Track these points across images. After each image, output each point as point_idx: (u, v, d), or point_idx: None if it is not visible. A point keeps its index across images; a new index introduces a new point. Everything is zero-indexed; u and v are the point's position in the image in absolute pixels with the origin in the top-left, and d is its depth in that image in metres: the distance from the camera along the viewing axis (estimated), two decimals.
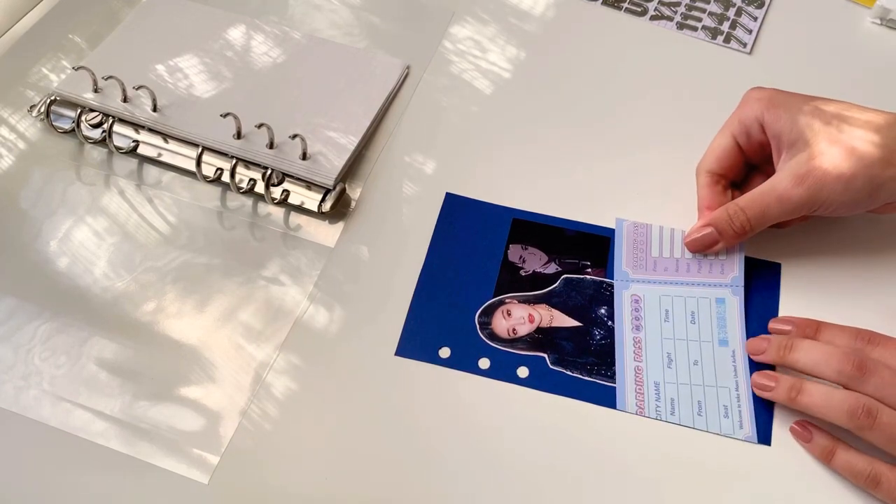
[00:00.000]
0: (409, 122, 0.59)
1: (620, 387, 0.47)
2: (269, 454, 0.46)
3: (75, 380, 0.48)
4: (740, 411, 0.47)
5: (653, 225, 0.53)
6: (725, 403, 0.47)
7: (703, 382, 0.48)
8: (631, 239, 0.52)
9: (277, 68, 0.61)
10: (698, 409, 0.47)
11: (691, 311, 0.50)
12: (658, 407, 0.47)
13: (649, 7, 0.66)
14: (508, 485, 0.45)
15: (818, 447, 0.44)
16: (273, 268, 0.52)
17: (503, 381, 0.48)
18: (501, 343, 0.49)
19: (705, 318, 0.50)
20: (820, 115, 0.48)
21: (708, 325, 0.49)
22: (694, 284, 0.51)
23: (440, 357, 0.48)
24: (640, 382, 0.48)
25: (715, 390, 0.47)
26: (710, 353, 0.49)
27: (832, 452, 0.44)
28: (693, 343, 0.49)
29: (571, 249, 0.53)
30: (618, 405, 0.47)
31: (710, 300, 0.50)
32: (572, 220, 0.54)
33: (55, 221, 0.54)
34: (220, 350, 0.49)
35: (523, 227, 0.53)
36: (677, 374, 0.48)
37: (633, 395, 0.47)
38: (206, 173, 0.55)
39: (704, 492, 0.44)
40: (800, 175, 0.47)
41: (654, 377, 0.48)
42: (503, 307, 0.50)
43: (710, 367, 0.48)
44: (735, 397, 0.47)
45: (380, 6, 0.66)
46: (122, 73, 0.57)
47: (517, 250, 0.52)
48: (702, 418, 0.46)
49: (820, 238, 0.53)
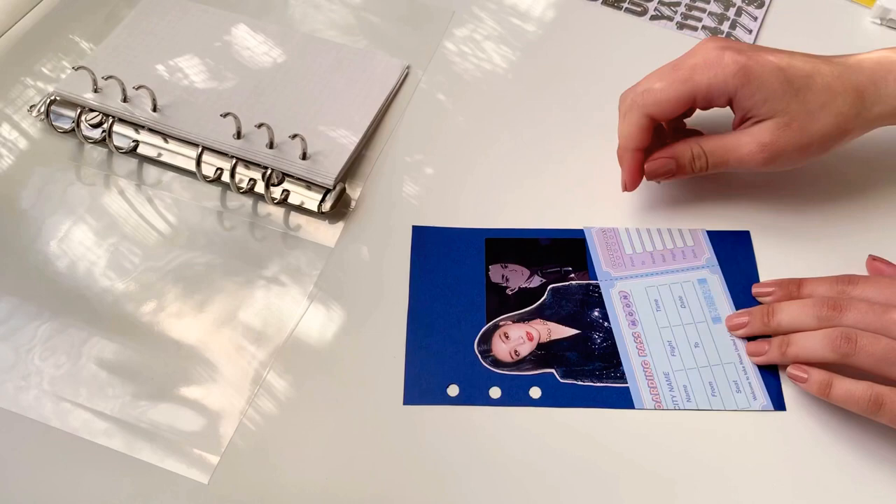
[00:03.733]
0: (409, 122, 0.59)
1: (633, 385, 0.47)
2: (269, 454, 0.46)
3: (75, 380, 0.48)
4: (750, 383, 0.47)
5: (618, 228, 0.53)
6: (735, 379, 0.48)
7: (709, 362, 0.48)
8: (602, 243, 0.53)
9: (277, 68, 0.61)
10: (711, 391, 0.47)
11: (678, 296, 0.51)
12: (674, 397, 0.47)
13: (649, 7, 0.66)
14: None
15: (815, 383, 0.45)
16: (273, 268, 0.52)
17: (518, 406, 0.47)
18: (507, 368, 0.48)
19: (693, 299, 0.51)
20: (788, 87, 0.48)
21: (698, 306, 0.50)
22: (673, 272, 0.52)
23: (449, 396, 0.47)
24: (650, 377, 0.48)
25: (721, 368, 0.48)
26: (708, 332, 0.49)
27: (829, 385, 0.44)
28: (689, 326, 0.50)
29: (550, 258, 0.52)
30: (635, 404, 0.47)
31: (693, 282, 0.51)
32: (543, 229, 0.53)
33: (55, 221, 0.54)
34: (220, 350, 0.49)
35: (497, 246, 0.53)
36: (683, 360, 0.48)
37: (647, 390, 0.47)
38: (206, 173, 0.55)
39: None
40: (763, 143, 0.49)
41: (663, 368, 0.48)
42: (499, 331, 0.50)
43: (711, 346, 0.49)
44: (742, 370, 0.48)
45: (380, 6, 0.66)
46: (122, 72, 0.57)
47: (498, 270, 0.52)
48: (717, 398, 0.47)
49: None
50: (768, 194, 0.55)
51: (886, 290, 0.46)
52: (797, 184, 0.55)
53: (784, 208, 0.54)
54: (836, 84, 0.49)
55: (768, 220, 0.54)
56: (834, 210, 0.54)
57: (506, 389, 0.47)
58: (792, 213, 0.54)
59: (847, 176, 0.56)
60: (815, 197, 0.55)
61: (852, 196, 0.55)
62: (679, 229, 0.53)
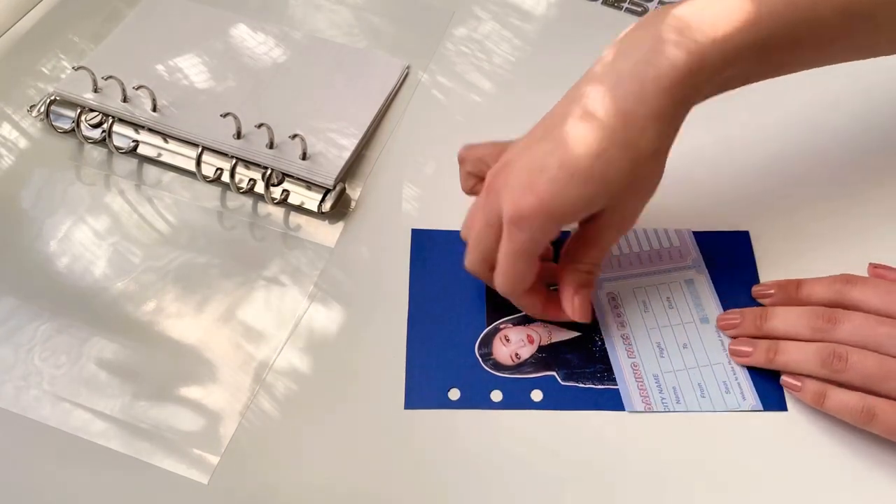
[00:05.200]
0: (409, 122, 0.59)
1: (623, 388, 0.47)
2: (269, 454, 0.46)
3: (75, 380, 0.48)
4: (739, 384, 0.47)
5: None
6: (724, 380, 0.47)
7: (698, 363, 0.48)
8: None
9: (277, 68, 0.61)
10: (700, 392, 0.47)
11: (666, 296, 0.51)
12: (664, 399, 0.47)
13: (649, 7, 0.66)
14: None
15: (809, 393, 0.45)
16: (273, 268, 0.52)
17: (520, 410, 0.47)
18: (508, 371, 0.48)
19: (681, 300, 0.50)
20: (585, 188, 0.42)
21: (685, 307, 0.50)
22: (660, 273, 0.52)
23: (451, 400, 0.47)
24: (639, 378, 0.48)
25: (710, 369, 0.48)
26: (696, 333, 0.49)
27: (823, 395, 0.44)
28: (677, 327, 0.49)
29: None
30: (625, 406, 0.47)
31: (680, 282, 0.51)
32: None
33: (55, 221, 0.54)
34: (220, 350, 0.49)
35: None
36: (672, 362, 0.48)
37: (637, 392, 0.47)
38: (206, 173, 0.55)
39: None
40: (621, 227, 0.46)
41: (652, 370, 0.48)
42: (500, 333, 0.49)
43: (700, 346, 0.49)
44: (731, 371, 0.48)
45: (380, 6, 0.66)
46: (122, 73, 0.57)
47: None
48: (706, 400, 0.47)
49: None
50: (768, 195, 0.55)
51: (885, 295, 0.46)
52: (797, 184, 0.55)
53: (784, 209, 0.54)
54: (627, 133, 0.41)
55: (768, 222, 0.54)
56: (834, 210, 0.54)
57: (507, 393, 0.47)
58: (792, 213, 0.54)
59: (848, 176, 0.56)
60: (816, 197, 0.55)
61: (853, 196, 0.55)
62: (665, 230, 0.53)
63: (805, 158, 0.57)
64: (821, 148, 0.57)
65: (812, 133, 0.58)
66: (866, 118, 0.59)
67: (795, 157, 0.57)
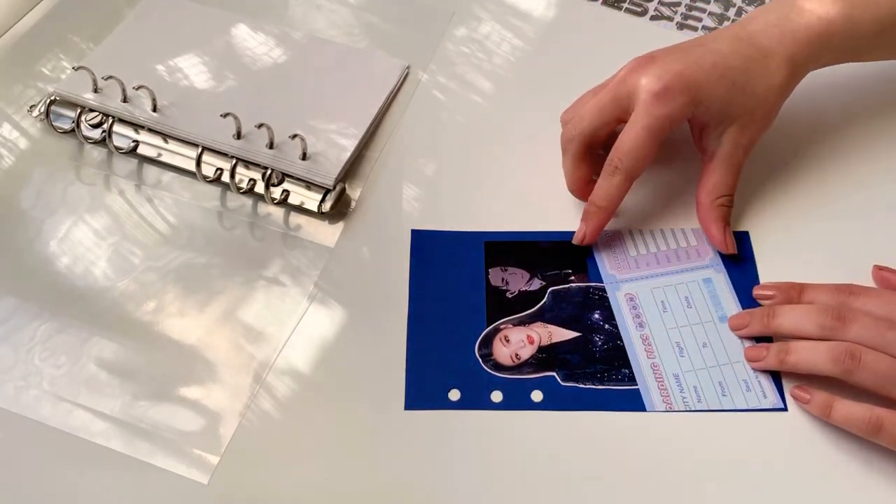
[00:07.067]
0: (409, 123, 0.59)
1: (643, 388, 0.47)
2: (269, 454, 0.46)
3: (75, 380, 0.48)
4: (759, 381, 0.47)
5: (621, 230, 0.53)
6: (744, 378, 0.47)
7: (718, 362, 0.48)
8: (606, 247, 0.53)
9: (277, 68, 0.61)
10: (721, 391, 0.47)
11: (685, 296, 0.51)
12: (685, 398, 0.47)
13: (649, 7, 0.66)
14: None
15: (817, 404, 0.45)
16: (273, 268, 0.52)
17: (520, 410, 0.47)
18: (508, 371, 0.48)
19: (699, 299, 0.50)
20: (733, 87, 0.50)
21: (704, 306, 0.50)
22: (678, 272, 0.52)
23: (451, 401, 0.47)
24: (660, 378, 0.47)
25: (731, 367, 0.48)
26: (715, 331, 0.49)
27: (830, 406, 0.44)
28: (696, 326, 0.49)
29: (550, 261, 0.52)
30: (646, 406, 0.46)
31: (698, 282, 0.51)
32: (543, 231, 0.53)
33: (55, 221, 0.54)
34: (220, 350, 0.49)
35: (497, 249, 0.53)
36: (692, 361, 0.48)
37: (658, 392, 0.47)
38: (206, 173, 0.55)
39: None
40: (738, 156, 0.52)
41: (672, 369, 0.48)
42: (500, 334, 0.49)
43: (719, 345, 0.49)
44: (750, 368, 0.48)
45: (380, 6, 0.66)
46: (122, 73, 0.57)
47: (497, 273, 0.52)
48: (727, 398, 0.47)
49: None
50: (769, 195, 0.55)
51: (889, 305, 0.45)
52: (798, 184, 0.55)
53: (784, 209, 0.54)
54: (767, 62, 0.51)
55: (768, 221, 0.54)
56: (835, 210, 0.54)
57: (507, 393, 0.47)
58: (792, 213, 0.54)
59: (849, 176, 0.56)
60: (816, 198, 0.55)
61: (853, 196, 0.55)
62: (682, 229, 0.53)
63: (805, 159, 0.57)
64: (821, 148, 0.57)
65: (812, 133, 0.58)
66: (866, 118, 0.59)
67: (795, 157, 0.57)
